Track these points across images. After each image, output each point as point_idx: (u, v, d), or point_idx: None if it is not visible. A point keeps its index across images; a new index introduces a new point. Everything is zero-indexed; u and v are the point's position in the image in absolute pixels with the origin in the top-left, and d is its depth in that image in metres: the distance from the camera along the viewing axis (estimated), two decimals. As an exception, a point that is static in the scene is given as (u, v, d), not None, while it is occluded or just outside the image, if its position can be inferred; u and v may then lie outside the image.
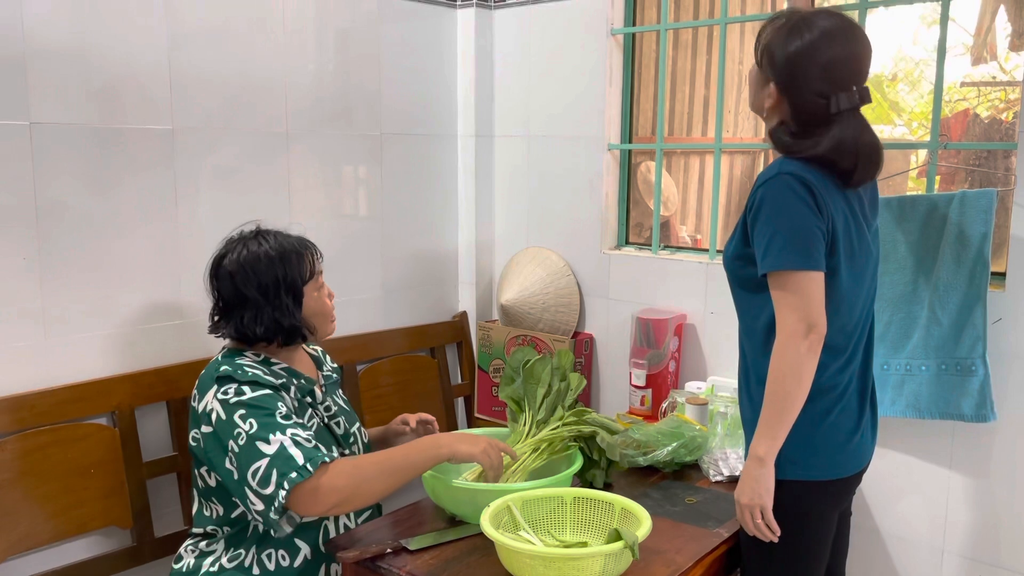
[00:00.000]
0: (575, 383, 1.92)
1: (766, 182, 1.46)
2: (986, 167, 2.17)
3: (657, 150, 2.51)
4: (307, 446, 1.51)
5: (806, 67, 1.46)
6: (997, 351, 1.86)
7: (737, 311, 1.62)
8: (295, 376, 1.70)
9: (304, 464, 1.48)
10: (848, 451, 1.54)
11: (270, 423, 1.53)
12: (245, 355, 1.67)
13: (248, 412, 1.54)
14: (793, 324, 1.43)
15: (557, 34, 2.59)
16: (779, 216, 1.43)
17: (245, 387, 1.58)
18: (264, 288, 1.64)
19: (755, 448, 1.48)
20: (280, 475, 1.47)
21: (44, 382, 1.87)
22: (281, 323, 1.65)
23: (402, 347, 2.61)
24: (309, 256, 1.71)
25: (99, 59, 1.90)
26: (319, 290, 1.72)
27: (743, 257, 1.54)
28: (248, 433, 1.51)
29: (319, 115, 2.35)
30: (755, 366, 1.56)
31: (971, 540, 1.99)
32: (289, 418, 1.56)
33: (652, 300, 2.47)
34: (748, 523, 1.52)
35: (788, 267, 1.43)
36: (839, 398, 1.52)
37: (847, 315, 1.52)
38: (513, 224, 2.79)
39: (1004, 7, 2.75)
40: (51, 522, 1.84)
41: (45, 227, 1.85)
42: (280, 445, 1.50)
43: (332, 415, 1.77)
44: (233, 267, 1.65)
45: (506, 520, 1.52)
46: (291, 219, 2.28)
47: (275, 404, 1.57)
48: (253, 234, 1.71)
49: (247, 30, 2.16)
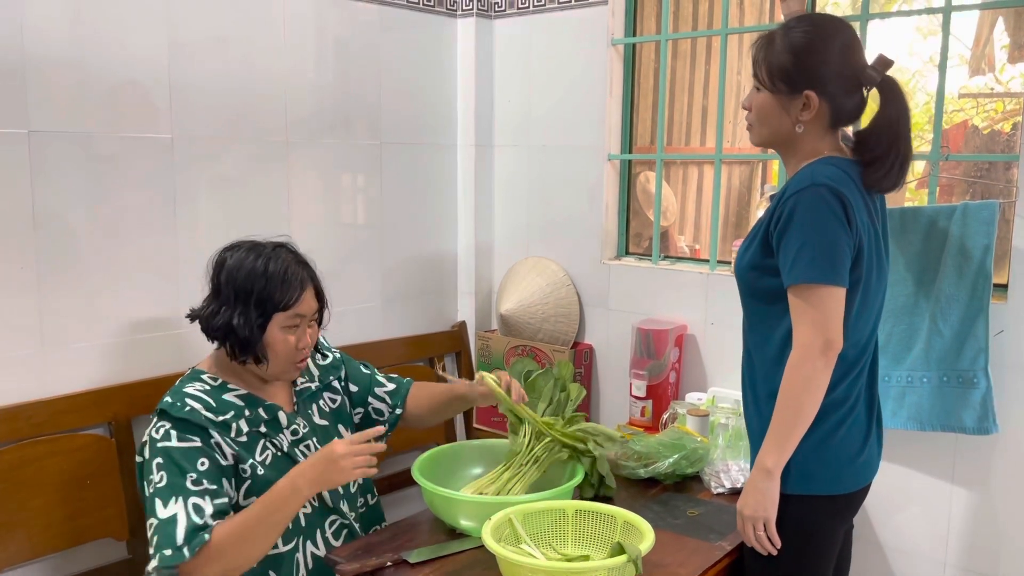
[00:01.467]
0: (574, 394, 1.91)
1: (798, 192, 1.43)
2: (987, 179, 2.17)
3: (658, 160, 2.51)
4: (197, 523, 1.48)
5: (829, 55, 1.46)
6: (999, 363, 1.86)
7: (748, 322, 1.60)
8: (253, 405, 1.67)
9: (181, 546, 1.46)
10: (856, 465, 1.53)
11: (176, 485, 1.51)
12: (203, 378, 1.66)
13: (164, 463, 1.54)
14: (811, 339, 1.41)
15: (557, 44, 2.59)
16: (809, 228, 1.41)
17: (173, 430, 1.56)
18: (239, 292, 1.63)
19: (762, 460, 1.47)
20: (157, 546, 1.48)
21: (40, 392, 1.85)
22: (237, 331, 1.62)
23: (401, 356, 2.60)
24: (296, 291, 1.64)
25: (99, 67, 1.89)
26: (289, 329, 1.65)
27: (760, 268, 1.52)
28: (156, 485, 1.52)
29: (319, 124, 2.35)
30: (767, 379, 1.54)
31: (973, 553, 1.98)
32: (200, 482, 1.53)
33: (652, 310, 2.47)
34: (749, 535, 1.51)
35: (813, 280, 1.41)
36: (849, 412, 1.51)
37: (862, 329, 1.51)
38: (513, 234, 2.78)
39: (1002, 19, 2.76)
40: (46, 533, 1.82)
41: (42, 235, 1.84)
42: (172, 515, 1.48)
43: (300, 439, 1.72)
44: (228, 261, 1.66)
45: (507, 533, 1.51)
46: (290, 228, 2.27)
47: (193, 463, 1.54)
48: (272, 245, 1.70)
49: (247, 39, 2.15)
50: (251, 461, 1.63)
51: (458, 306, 2.84)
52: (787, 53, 1.48)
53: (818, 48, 1.47)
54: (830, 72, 1.47)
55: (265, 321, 1.63)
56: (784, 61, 1.48)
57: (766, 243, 1.50)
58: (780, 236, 1.45)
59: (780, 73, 1.49)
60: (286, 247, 1.72)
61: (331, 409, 1.85)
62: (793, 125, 1.51)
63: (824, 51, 1.47)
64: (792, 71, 1.47)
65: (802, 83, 1.47)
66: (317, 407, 1.82)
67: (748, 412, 1.61)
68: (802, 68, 1.47)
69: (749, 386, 1.61)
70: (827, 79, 1.47)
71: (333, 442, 1.58)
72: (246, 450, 1.63)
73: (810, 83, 1.47)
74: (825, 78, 1.47)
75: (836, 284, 1.41)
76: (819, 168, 1.46)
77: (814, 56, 1.47)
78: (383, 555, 1.58)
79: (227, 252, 1.69)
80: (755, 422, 1.58)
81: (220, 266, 1.67)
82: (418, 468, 1.75)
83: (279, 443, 1.69)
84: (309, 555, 1.69)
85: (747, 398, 1.62)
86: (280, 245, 1.71)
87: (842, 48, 1.47)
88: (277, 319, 1.64)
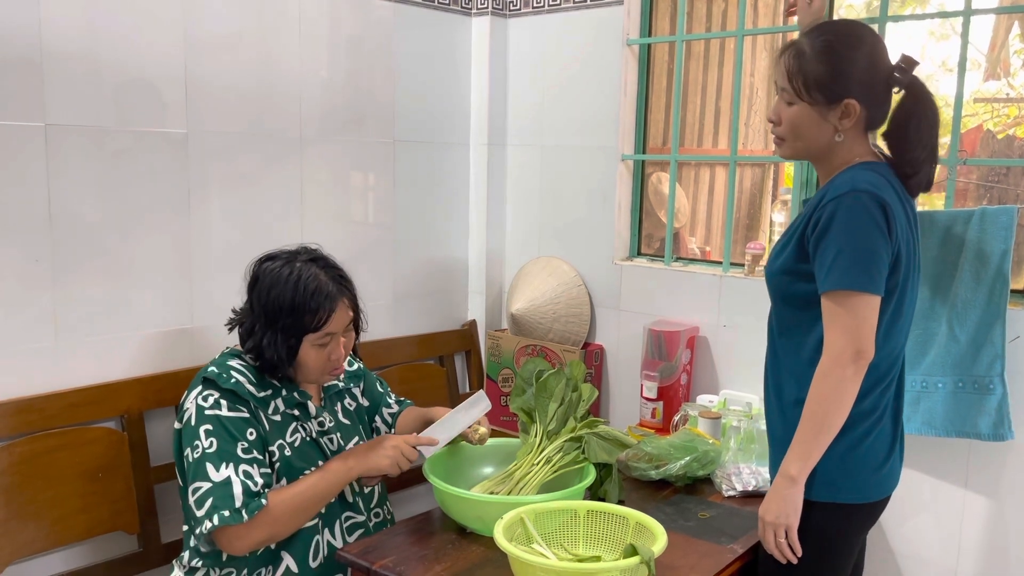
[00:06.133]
0: (587, 394, 1.90)
1: (838, 197, 1.41)
2: (1004, 184, 2.16)
3: (672, 161, 2.50)
4: (252, 488, 1.53)
5: (861, 60, 1.46)
6: (1015, 369, 1.84)
7: (777, 327, 1.58)
8: (289, 388, 1.69)
9: (240, 508, 1.50)
10: (882, 475, 1.51)
11: (228, 451, 1.55)
12: (243, 357, 1.68)
13: (214, 429, 1.56)
14: (842, 347, 1.39)
15: (572, 43, 2.59)
16: (847, 234, 1.39)
17: (223, 400, 1.59)
18: (269, 311, 1.63)
19: (786, 467, 1.45)
20: (213, 507, 1.50)
21: (54, 385, 1.85)
22: (264, 352, 1.63)
23: (411, 355, 2.60)
24: (325, 311, 1.63)
25: (115, 62, 1.89)
26: (321, 346, 1.66)
27: (795, 273, 1.50)
28: (205, 450, 1.54)
29: (332, 122, 2.35)
30: (797, 385, 1.50)
31: (986, 561, 1.96)
32: (250, 451, 1.57)
33: (664, 312, 2.46)
34: (770, 542, 1.48)
35: (849, 287, 1.38)
36: (877, 422, 1.50)
37: (896, 339, 1.49)
38: (524, 233, 2.78)
39: (1018, 23, 2.74)
40: (58, 526, 1.82)
41: (58, 229, 1.84)
42: (227, 478, 1.52)
43: (325, 431, 1.75)
44: (262, 275, 1.66)
45: (519, 532, 1.50)
46: (303, 225, 2.27)
47: (243, 433, 1.58)
48: (307, 256, 1.69)
49: (262, 36, 2.16)
50: (280, 442, 1.65)
51: (468, 305, 2.84)
52: (821, 63, 1.45)
53: (851, 55, 1.45)
54: (866, 77, 1.46)
55: (296, 344, 1.64)
56: (819, 71, 1.45)
57: (801, 247, 1.47)
58: (817, 241, 1.43)
59: (816, 84, 1.46)
60: (320, 260, 1.70)
61: (352, 411, 1.88)
62: (833, 135, 1.49)
63: (857, 57, 1.45)
64: (829, 80, 1.45)
65: (841, 91, 1.45)
66: (342, 406, 1.85)
67: (772, 417, 1.59)
68: (839, 76, 1.45)
69: (774, 392, 1.58)
70: (864, 85, 1.46)
71: (388, 435, 1.80)
72: (278, 430, 1.66)
73: (848, 91, 1.45)
74: (862, 84, 1.45)
75: (871, 292, 1.39)
76: (859, 174, 1.44)
77: (849, 63, 1.45)
78: (395, 553, 1.58)
79: (263, 264, 1.68)
80: (779, 428, 1.55)
81: (255, 279, 1.67)
82: (429, 466, 1.75)
83: (309, 429, 1.72)
84: (326, 542, 1.70)
85: (771, 403, 1.59)
86: (314, 259, 1.69)
87: (871, 52, 1.47)
88: (308, 339, 1.64)
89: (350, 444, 1.79)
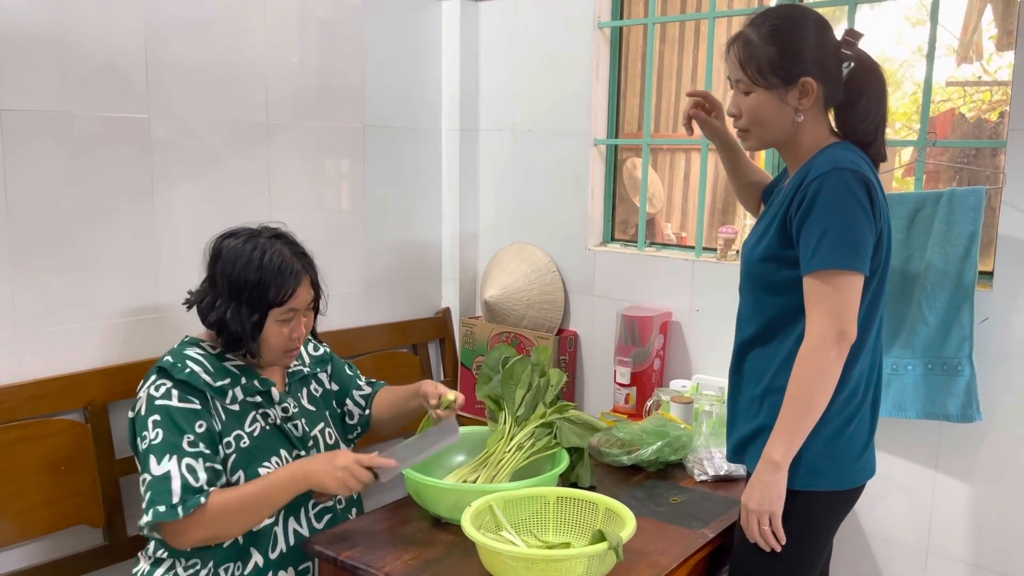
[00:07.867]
0: (555, 379, 1.89)
1: (821, 176, 1.39)
2: (973, 165, 2.16)
3: (644, 146, 2.48)
4: (192, 484, 1.51)
5: (810, 38, 1.45)
6: (984, 351, 1.85)
7: (755, 315, 1.54)
8: (249, 376, 1.67)
9: (176, 504, 1.48)
10: (862, 461, 1.50)
11: (172, 443, 1.53)
12: (202, 345, 1.66)
13: (162, 420, 1.55)
14: (826, 328, 1.37)
15: (543, 27, 2.56)
16: (832, 213, 1.37)
17: (175, 390, 1.57)
18: (233, 287, 1.62)
19: (770, 452, 1.42)
20: (151, 501, 1.49)
21: (14, 376, 1.81)
22: (228, 325, 1.61)
23: (384, 343, 2.58)
24: (290, 286, 1.63)
25: (75, 45, 1.85)
26: (284, 323, 1.65)
27: (778, 259, 1.47)
28: (151, 441, 1.53)
29: (301, 106, 2.31)
30: (778, 374, 1.48)
31: (956, 541, 1.98)
32: (197, 444, 1.55)
33: (637, 297, 2.45)
34: (754, 530, 1.46)
35: (836, 265, 1.36)
36: (858, 408, 1.48)
37: (876, 321, 1.48)
38: (498, 219, 2.75)
39: (991, 6, 2.74)
40: (20, 520, 1.79)
41: (16, 217, 1.79)
42: (166, 472, 1.50)
43: (289, 416, 1.72)
44: (225, 250, 1.64)
45: (488, 520, 1.49)
46: (271, 211, 2.24)
47: (191, 425, 1.56)
48: (270, 233, 1.68)
49: (228, 18, 2.11)
50: (237, 432, 1.63)
51: (442, 292, 2.81)
52: (771, 46, 1.45)
53: (799, 33, 1.46)
54: (817, 54, 1.46)
55: (261, 318, 1.62)
56: (771, 53, 1.45)
57: (784, 231, 1.45)
58: (802, 221, 1.40)
59: (771, 67, 1.45)
60: (283, 237, 1.69)
61: (318, 396, 1.85)
62: (793, 116, 1.48)
63: (805, 35, 1.46)
64: (782, 61, 1.45)
65: (796, 71, 1.45)
66: (307, 391, 1.83)
67: (740, 406, 1.57)
68: (791, 55, 1.45)
69: (752, 380, 1.54)
70: (816, 62, 1.46)
71: (343, 451, 1.68)
72: (235, 420, 1.63)
73: (804, 69, 1.45)
74: (815, 61, 1.45)
75: (857, 270, 1.37)
76: (838, 152, 1.43)
77: (799, 41, 1.45)
78: (364, 541, 1.56)
79: (224, 240, 1.66)
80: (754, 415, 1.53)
81: (217, 255, 1.65)
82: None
83: (272, 416, 1.69)
84: (291, 532, 1.68)
85: (742, 391, 1.57)
86: (277, 235, 1.69)
87: (817, 29, 1.47)
88: (272, 314, 1.63)
89: (315, 430, 1.77)
